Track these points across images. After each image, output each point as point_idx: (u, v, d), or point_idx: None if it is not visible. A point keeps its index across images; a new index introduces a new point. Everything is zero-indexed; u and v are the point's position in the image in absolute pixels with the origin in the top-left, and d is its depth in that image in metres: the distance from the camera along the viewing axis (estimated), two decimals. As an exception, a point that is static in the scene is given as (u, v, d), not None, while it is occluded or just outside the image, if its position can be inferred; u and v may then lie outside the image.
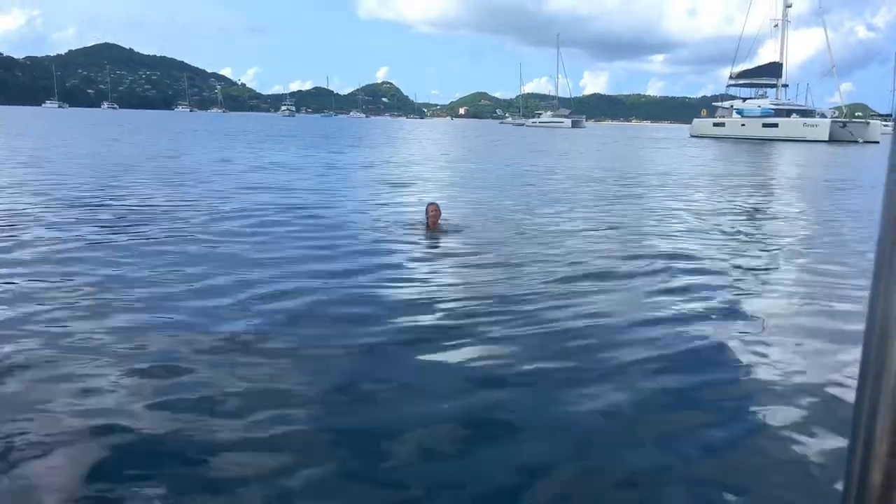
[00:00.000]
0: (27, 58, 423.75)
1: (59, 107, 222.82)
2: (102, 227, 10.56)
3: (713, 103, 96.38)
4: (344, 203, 14.72)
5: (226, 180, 18.64)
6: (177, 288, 7.10)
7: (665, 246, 10.45)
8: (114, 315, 6.09)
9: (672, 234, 11.72)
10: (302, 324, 6.10)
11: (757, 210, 15.95)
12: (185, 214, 11.95)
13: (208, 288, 7.15)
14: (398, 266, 8.64)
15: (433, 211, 10.91)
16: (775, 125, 76.69)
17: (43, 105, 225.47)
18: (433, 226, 10.85)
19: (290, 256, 8.85)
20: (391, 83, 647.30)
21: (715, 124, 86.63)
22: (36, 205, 12.52)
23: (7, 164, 21.50)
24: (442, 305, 6.83)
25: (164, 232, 10.24)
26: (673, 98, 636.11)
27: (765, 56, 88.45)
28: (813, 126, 72.61)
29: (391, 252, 9.45)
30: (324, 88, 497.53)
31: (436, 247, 10.05)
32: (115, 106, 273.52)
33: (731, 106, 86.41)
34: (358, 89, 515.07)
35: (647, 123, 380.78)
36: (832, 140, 68.20)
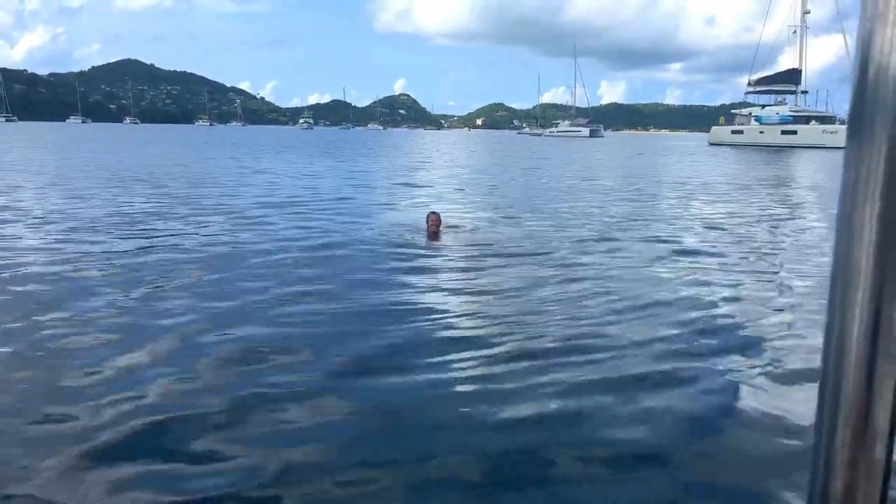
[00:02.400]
0: (51, 74, 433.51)
1: (83, 122, 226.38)
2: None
3: (732, 111, 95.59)
4: (345, 209, 14.66)
5: (228, 188, 18.75)
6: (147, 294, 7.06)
7: (681, 261, 10.26)
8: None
9: (688, 246, 11.52)
10: (285, 329, 6.02)
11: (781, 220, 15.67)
12: (178, 216, 11.99)
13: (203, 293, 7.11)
14: (396, 271, 8.60)
15: (433, 220, 10.89)
16: (794, 132, 75.92)
17: (66, 121, 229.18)
18: (433, 234, 10.80)
19: (283, 261, 8.81)
20: (408, 95, 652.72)
21: (733, 132, 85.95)
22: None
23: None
24: (432, 313, 6.73)
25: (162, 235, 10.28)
26: (691, 106, 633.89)
27: (784, 63, 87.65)
28: (832, 133, 71.64)
29: (390, 258, 9.44)
30: (341, 101, 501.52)
31: (434, 254, 9.96)
32: (137, 121, 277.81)
33: (750, 113, 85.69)
34: (375, 101, 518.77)
35: (666, 132, 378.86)
36: (852, 147, 66.90)
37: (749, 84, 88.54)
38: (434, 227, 10.85)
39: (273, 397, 4.61)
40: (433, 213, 11.13)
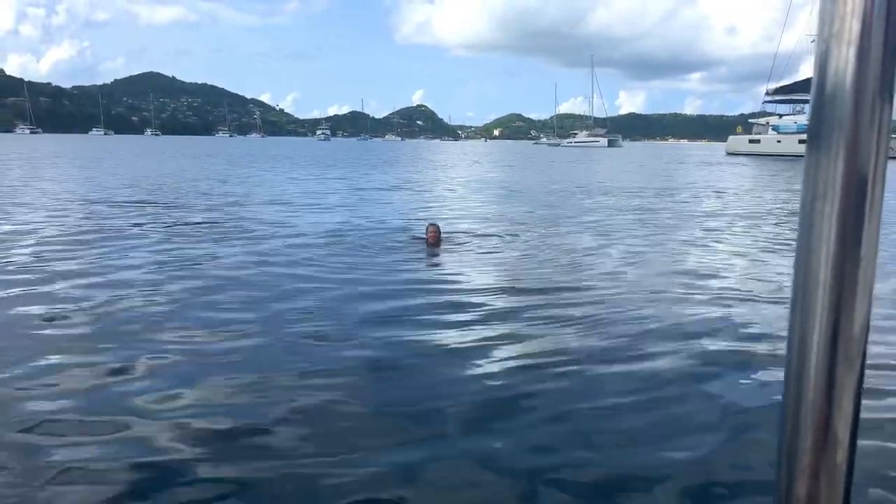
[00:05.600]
0: (75, 87, 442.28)
1: (105, 134, 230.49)
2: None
3: (749, 120, 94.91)
4: (345, 218, 14.65)
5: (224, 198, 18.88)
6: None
7: (675, 267, 10.13)
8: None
9: (688, 254, 11.39)
10: (281, 334, 6.01)
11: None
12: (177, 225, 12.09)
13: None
14: (392, 283, 8.59)
15: (432, 231, 10.90)
16: (811, 141, 75.24)
17: (89, 133, 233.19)
18: (432, 246, 10.80)
19: (280, 272, 8.82)
20: (426, 106, 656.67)
21: (750, 141, 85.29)
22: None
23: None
24: (422, 322, 6.71)
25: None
26: (710, 116, 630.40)
27: (805, 72, 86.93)
28: (849, 142, 70.65)
29: (387, 270, 9.43)
30: (360, 112, 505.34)
31: (432, 267, 9.95)
32: (158, 133, 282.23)
33: (767, 122, 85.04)
34: (393, 112, 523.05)
35: (684, 142, 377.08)
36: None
37: (767, 93, 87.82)
38: (433, 239, 10.83)
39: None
40: (432, 224, 11.12)
